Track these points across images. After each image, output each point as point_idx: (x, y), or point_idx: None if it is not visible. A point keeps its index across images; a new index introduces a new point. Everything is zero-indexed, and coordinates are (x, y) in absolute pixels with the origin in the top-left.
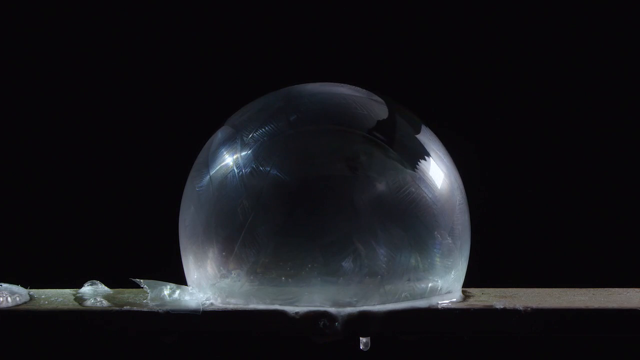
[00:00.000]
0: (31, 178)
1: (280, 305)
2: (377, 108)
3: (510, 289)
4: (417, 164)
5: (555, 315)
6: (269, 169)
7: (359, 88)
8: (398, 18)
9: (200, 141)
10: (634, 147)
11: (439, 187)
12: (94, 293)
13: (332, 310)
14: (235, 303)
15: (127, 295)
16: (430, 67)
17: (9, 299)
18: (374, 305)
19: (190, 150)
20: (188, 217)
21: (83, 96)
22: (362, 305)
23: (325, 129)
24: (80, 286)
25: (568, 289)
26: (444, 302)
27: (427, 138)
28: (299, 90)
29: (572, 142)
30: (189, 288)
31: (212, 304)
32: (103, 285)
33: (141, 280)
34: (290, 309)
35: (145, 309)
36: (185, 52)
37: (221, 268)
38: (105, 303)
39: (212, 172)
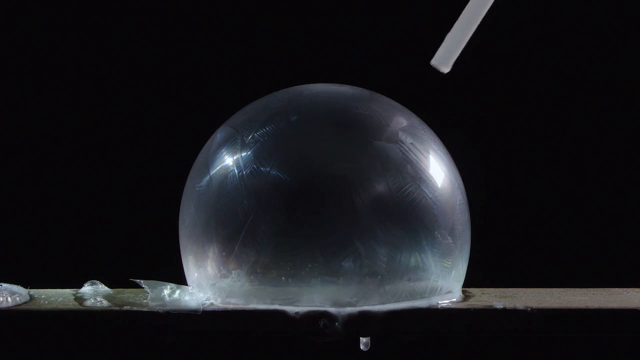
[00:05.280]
0: (31, 178)
1: (280, 305)
2: (378, 108)
3: (510, 289)
4: (417, 164)
5: (555, 315)
6: (269, 169)
7: (359, 88)
8: (398, 18)
9: (201, 141)
10: (633, 147)
11: (439, 187)
12: (94, 293)
13: (332, 310)
14: (235, 303)
15: (127, 295)
16: (430, 67)
17: (9, 299)
18: (374, 305)
19: (190, 150)
20: (188, 217)
21: (83, 96)
22: (362, 305)
23: (326, 130)
24: (80, 286)
25: (568, 289)
26: (444, 302)
27: (427, 138)
28: (300, 90)
29: (572, 142)
30: (189, 288)
31: (212, 304)
32: (103, 285)
33: (141, 280)
34: (290, 309)
35: (145, 309)
36: (186, 52)
37: (221, 268)
38: (105, 303)
39: (213, 172)
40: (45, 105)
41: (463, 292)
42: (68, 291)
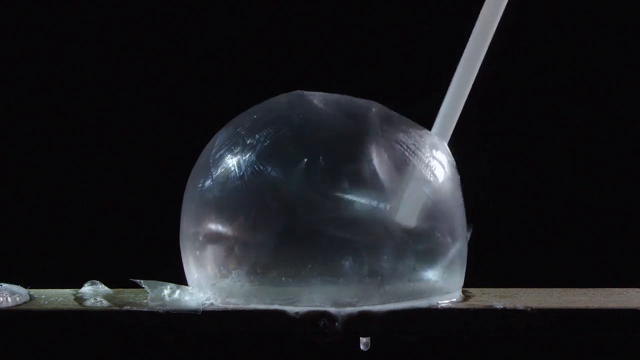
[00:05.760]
0: (31, 178)
1: (280, 305)
2: (380, 110)
3: (510, 289)
4: (418, 165)
5: (555, 315)
6: (270, 169)
7: (360, 99)
8: (395, 24)
9: (202, 141)
10: (633, 148)
11: (439, 187)
12: (94, 293)
13: (332, 310)
14: (235, 303)
15: (127, 295)
16: (430, 68)
17: (9, 299)
18: (374, 305)
19: (191, 151)
20: (189, 217)
21: (85, 97)
22: (362, 305)
23: (326, 131)
24: (80, 286)
25: (568, 289)
26: (444, 302)
27: (427, 138)
28: (301, 93)
29: (573, 142)
30: (189, 288)
31: (212, 304)
32: (103, 285)
33: (141, 280)
34: (290, 309)
35: (145, 309)
36: (191, 54)
37: (221, 268)
38: (105, 303)
39: (214, 172)
40: (48, 106)
41: (463, 292)
42: (68, 291)
